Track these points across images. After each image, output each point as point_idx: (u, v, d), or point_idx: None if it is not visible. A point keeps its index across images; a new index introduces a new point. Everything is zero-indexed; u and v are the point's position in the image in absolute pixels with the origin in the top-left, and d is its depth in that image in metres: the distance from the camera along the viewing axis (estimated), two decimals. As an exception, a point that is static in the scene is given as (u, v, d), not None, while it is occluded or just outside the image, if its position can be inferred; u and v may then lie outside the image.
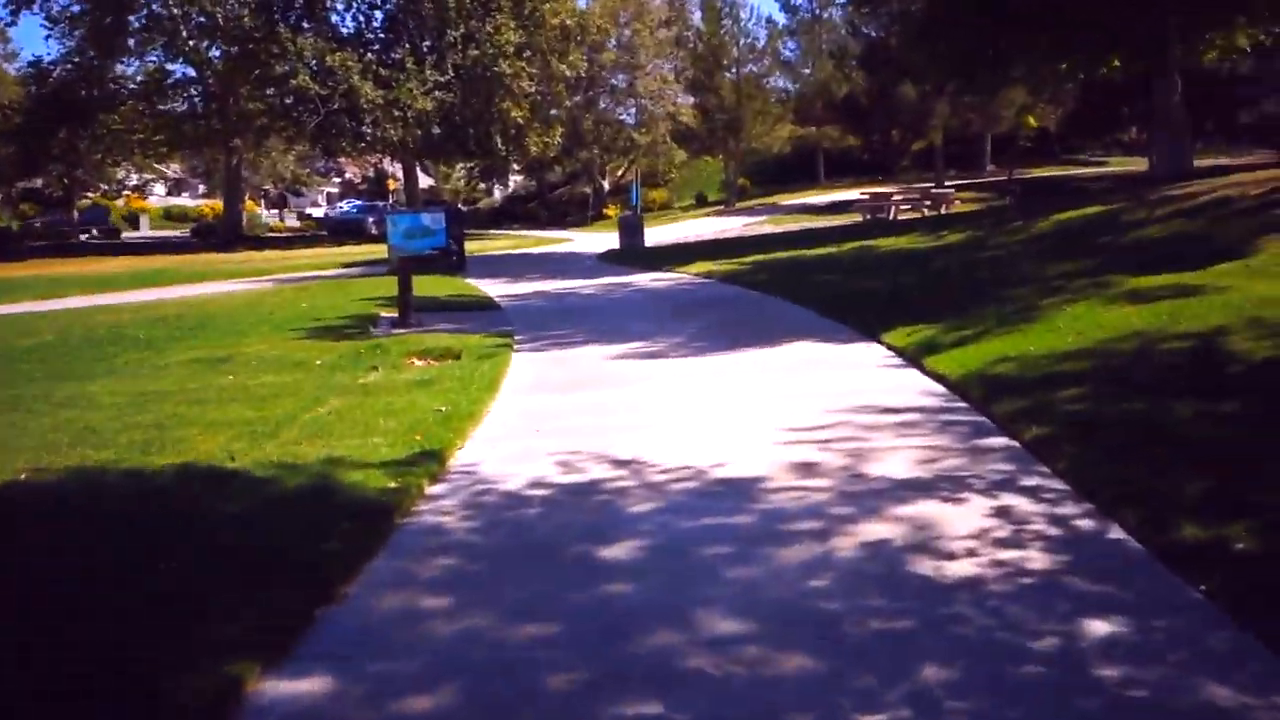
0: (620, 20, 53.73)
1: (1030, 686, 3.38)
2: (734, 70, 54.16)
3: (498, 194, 79.65)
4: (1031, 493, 5.25)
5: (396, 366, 10.47)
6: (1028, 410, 6.51)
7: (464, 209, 73.36)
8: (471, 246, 35.02)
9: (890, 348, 9.46)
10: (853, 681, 3.49)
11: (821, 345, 10.08)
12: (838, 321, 11.21)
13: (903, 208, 33.23)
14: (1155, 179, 22.59)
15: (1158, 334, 7.73)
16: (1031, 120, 53.16)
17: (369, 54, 35.95)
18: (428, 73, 34.71)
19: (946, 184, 49.41)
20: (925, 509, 5.12)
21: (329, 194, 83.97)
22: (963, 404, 7.26)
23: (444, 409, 7.97)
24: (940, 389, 7.78)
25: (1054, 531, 4.72)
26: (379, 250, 24.66)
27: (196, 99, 41.62)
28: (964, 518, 4.95)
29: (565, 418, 7.79)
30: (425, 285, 18.37)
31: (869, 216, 33.01)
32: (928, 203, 32.04)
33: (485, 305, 15.93)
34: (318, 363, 10.76)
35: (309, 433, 7.40)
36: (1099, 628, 3.75)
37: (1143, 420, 5.96)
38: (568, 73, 37.25)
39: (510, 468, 6.45)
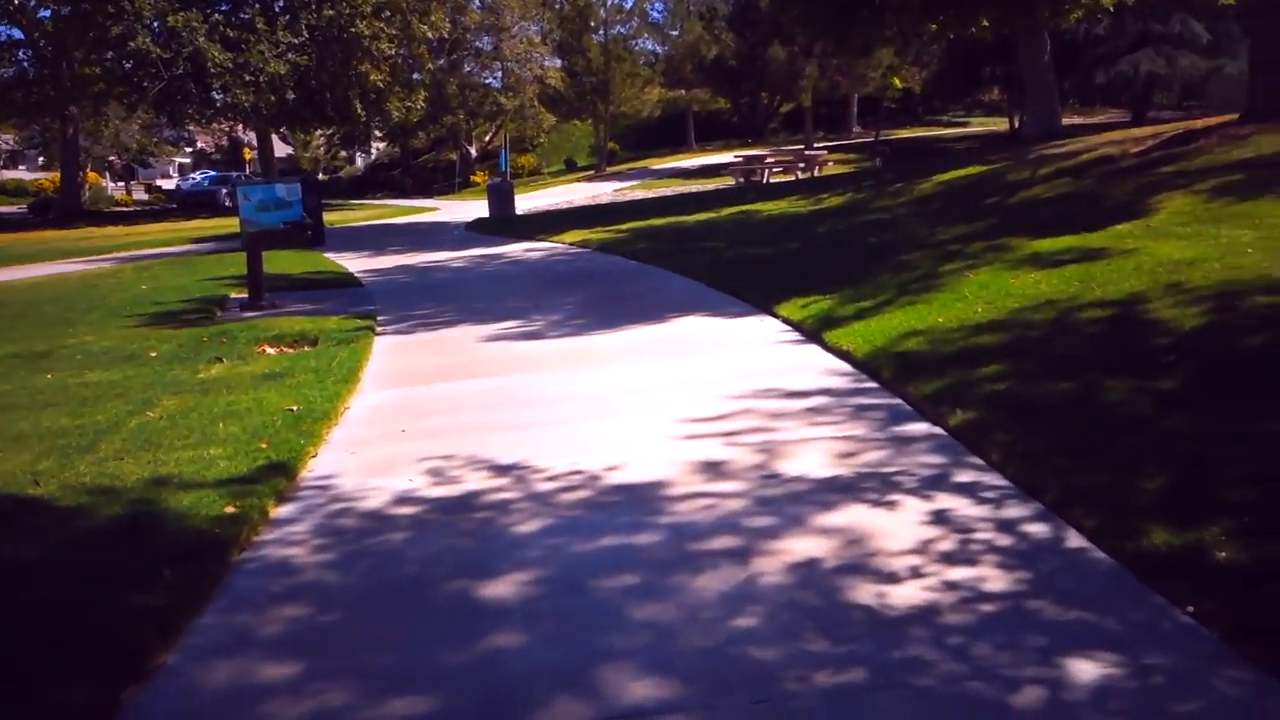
0: (483, -20, 52.10)
1: (1024, 765, 2.74)
2: (601, 32, 53.15)
3: (360, 162, 77.08)
4: (969, 491, 4.64)
5: (244, 356, 9.41)
6: (948, 391, 5.92)
7: (324, 178, 70.86)
8: (332, 218, 33.40)
9: (786, 321, 8.84)
10: (805, 767, 2.80)
11: (712, 320, 9.39)
12: (726, 293, 10.55)
13: (775, 170, 32.94)
14: (1027, 138, 22.62)
15: (1072, 302, 7.26)
16: (898, 81, 53.71)
17: (215, 14, 33.79)
18: (280, 34, 32.77)
19: (816, 145, 49.52)
20: (854, 517, 4.47)
21: (181, 165, 79.95)
22: (873, 384, 6.66)
23: (296, 408, 7.02)
24: (846, 367, 7.17)
25: (1005, 540, 4.11)
26: (232, 224, 23.04)
27: (26, 64, 38.65)
28: (900, 527, 4.31)
29: (435, 414, 6.93)
30: (280, 262, 17.14)
31: (742, 180, 32.62)
32: (801, 165, 31.78)
33: (346, 282, 14.82)
34: (153, 355, 9.61)
35: (134, 444, 6.37)
36: (1086, 671, 3.13)
37: (1077, 401, 5.42)
38: (430, 34, 35.68)
39: (372, 479, 5.58)
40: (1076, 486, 4.37)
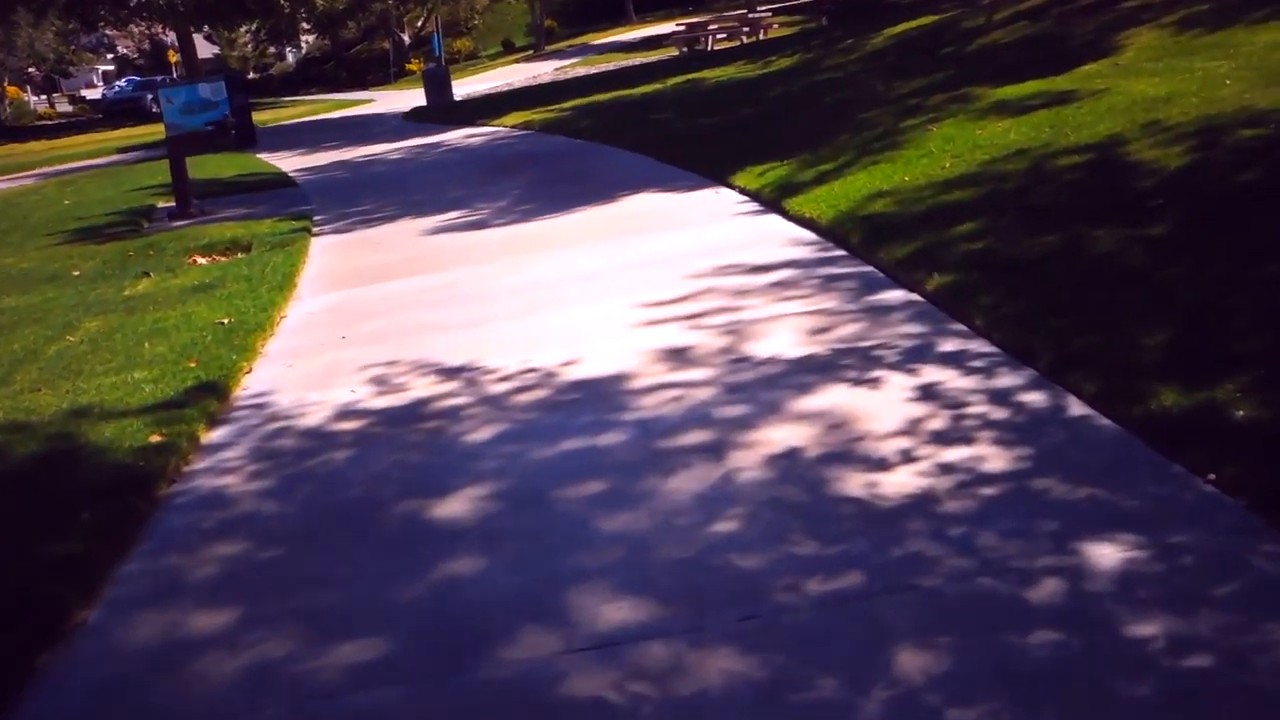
0: None
1: (1053, 673, 2.43)
2: (528, -99, 50.81)
3: (291, 58, 74.36)
4: (956, 361, 4.29)
5: (173, 269, 8.85)
6: (922, 254, 5.54)
7: (255, 77, 68.30)
8: (264, 117, 32.11)
9: (743, 192, 8.37)
10: (805, 693, 2.48)
11: (665, 196, 8.91)
12: (678, 167, 10.03)
13: (719, 37, 31.89)
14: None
15: (1045, 149, 6.84)
16: (838, -65, 51.99)
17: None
18: (189, -76, 30.97)
19: (760, 8, 48.09)
20: (835, 398, 4.12)
21: (105, 73, 76.80)
22: (841, 252, 6.26)
23: (227, 321, 6.55)
24: (811, 236, 6.75)
25: (1000, 413, 3.78)
26: (160, 130, 22.03)
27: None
28: (885, 405, 3.96)
29: (376, 317, 6.48)
30: (211, 166, 16.37)
31: (685, 49, 31.58)
32: (745, 29, 30.76)
33: (280, 183, 14.12)
34: (76, 274, 9.04)
35: (53, 373, 5.90)
36: (1107, 556, 2.82)
37: (1062, 255, 5.06)
38: (348, -86, 33.81)
39: (311, 393, 5.17)
40: (1072, 349, 4.03)
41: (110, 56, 71.42)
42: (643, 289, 6.08)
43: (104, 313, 7.38)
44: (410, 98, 30.66)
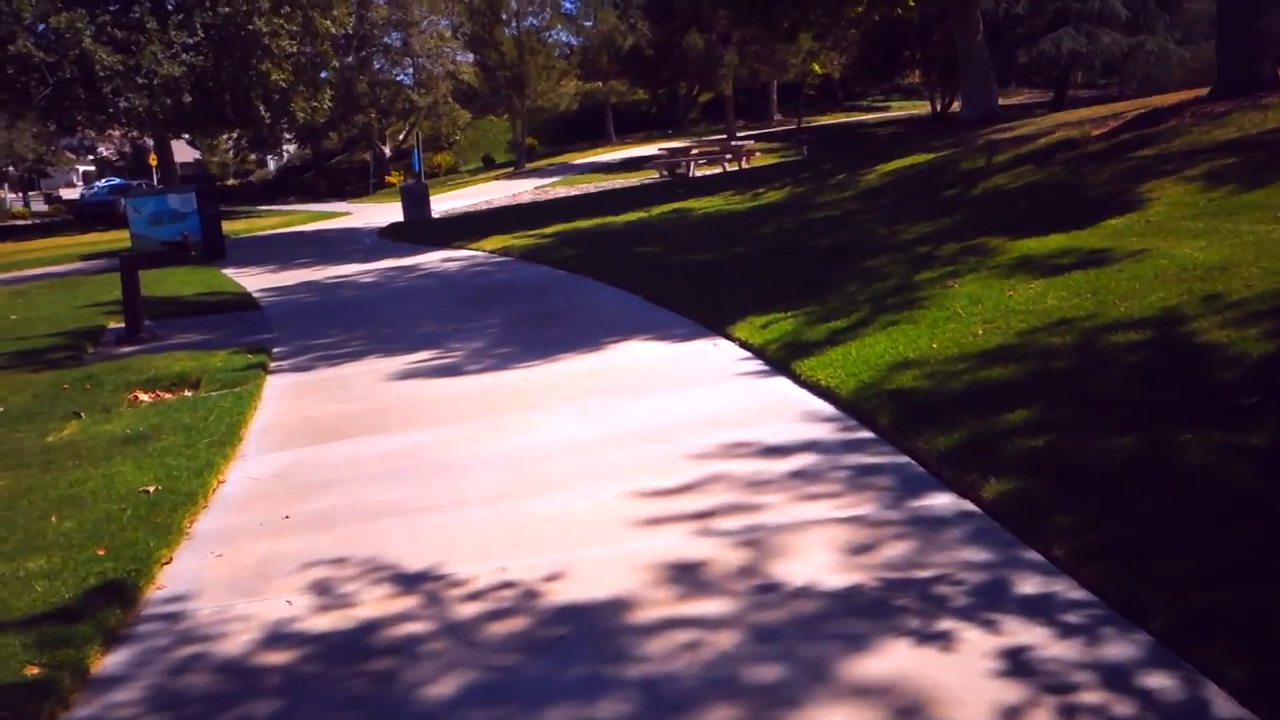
0: (389, -26, 50.15)
1: None
2: (514, 24, 51.47)
3: (273, 165, 74.51)
4: (1043, 612, 3.43)
5: (109, 409, 7.93)
6: (970, 447, 4.74)
7: (234, 183, 68.23)
8: (238, 227, 31.58)
9: (745, 346, 7.60)
10: None
11: (658, 346, 8.12)
12: (670, 310, 9.30)
13: (701, 162, 31.78)
14: (964, 121, 21.73)
15: (1092, 321, 6.12)
16: (818, 67, 52.97)
17: (103, 14, 31.60)
18: (173, 34, 30.71)
19: (739, 135, 48.51)
20: (897, 661, 3.24)
21: (86, 173, 76.54)
22: (868, 434, 5.45)
23: (154, 489, 5.62)
24: (829, 409, 5.95)
25: (1124, 708, 2.90)
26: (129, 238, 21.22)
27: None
28: (965, 681, 3.09)
29: (329, 489, 5.57)
30: (172, 281, 15.63)
31: (666, 173, 31.43)
32: (728, 156, 30.64)
33: (242, 304, 13.28)
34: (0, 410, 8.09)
35: (-69, 557, 4.93)
36: None
37: (1146, 465, 4.26)
38: (333, 29, 33.77)
39: (239, 601, 4.25)
40: (1196, 609, 3.19)
41: (90, 158, 71.16)
42: (639, 471, 5.24)
43: (17, 466, 6.43)
44: (388, 211, 30.20)
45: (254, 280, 16.03)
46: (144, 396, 8.44)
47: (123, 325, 11.59)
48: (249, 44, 30.82)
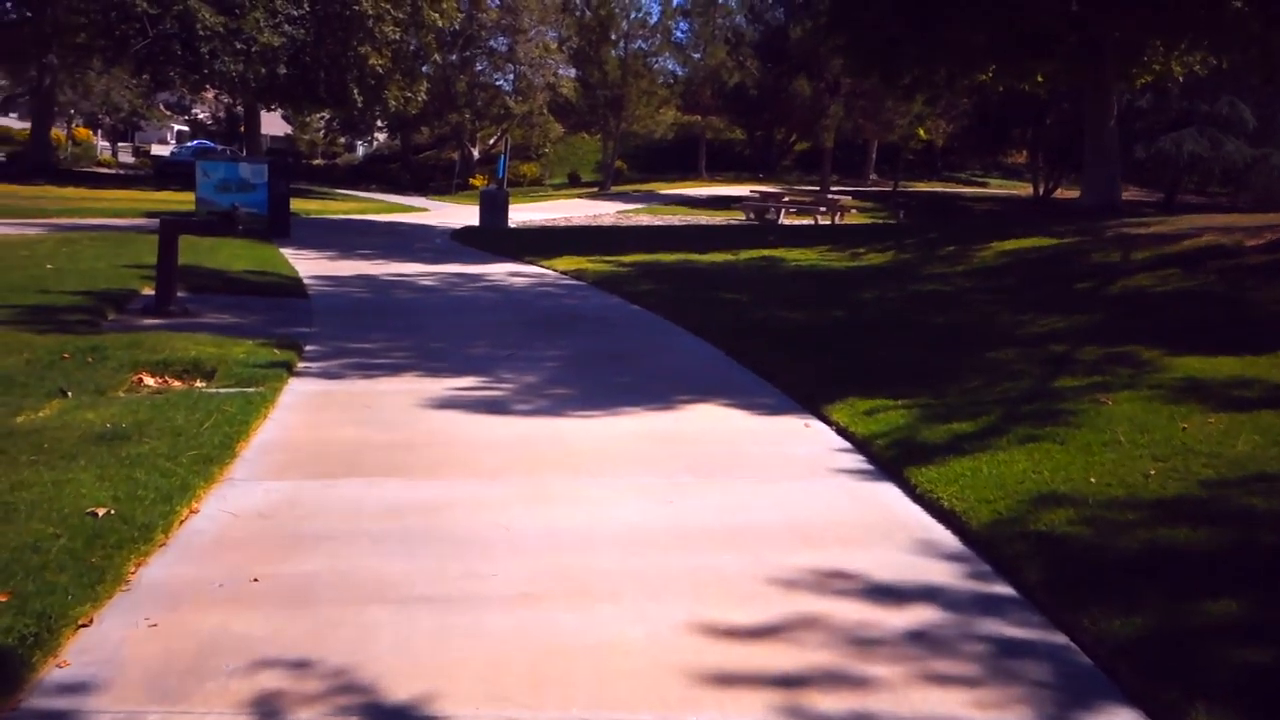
0: (505, -22, 49.83)
1: None
2: (621, 45, 50.85)
3: (361, 151, 74.66)
4: None
5: (103, 390, 6.91)
6: (1160, 643, 3.49)
7: (320, 163, 68.30)
8: (312, 207, 30.94)
9: (844, 434, 6.37)
10: None
11: (739, 415, 6.92)
12: (755, 373, 8.09)
13: (791, 211, 30.64)
14: (1084, 209, 20.35)
15: (1303, 480, 4.84)
16: (923, 132, 51.62)
17: (212, -25, 31.29)
18: (277, 3, 30.29)
19: (833, 189, 47.28)
20: None
21: (179, 132, 77.33)
22: (1008, 588, 4.20)
23: (106, 510, 4.52)
24: (952, 540, 4.71)
25: None
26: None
27: (8, 4, 36.11)
28: None
29: (318, 546, 4.44)
30: (224, 253, 14.73)
31: (754, 217, 30.31)
32: (821, 208, 29.46)
33: (290, 290, 12.30)
34: (-20, 376, 7.08)
35: None
36: None
37: None
38: (440, 22, 33.19)
39: (152, 710, 3.10)
40: None
41: (185, 118, 71.84)
42: (709, 590, 4.05)
43: (-33, 452, 5.38)
44: (466, 213, 29.43)
45: (311, 265, 15.10)
46: (149, 380, 7.42)
47: (153, 294, 10.64)
48: (352, 24, 30.28)
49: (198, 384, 7.40)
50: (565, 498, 5.17)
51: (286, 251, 16.65)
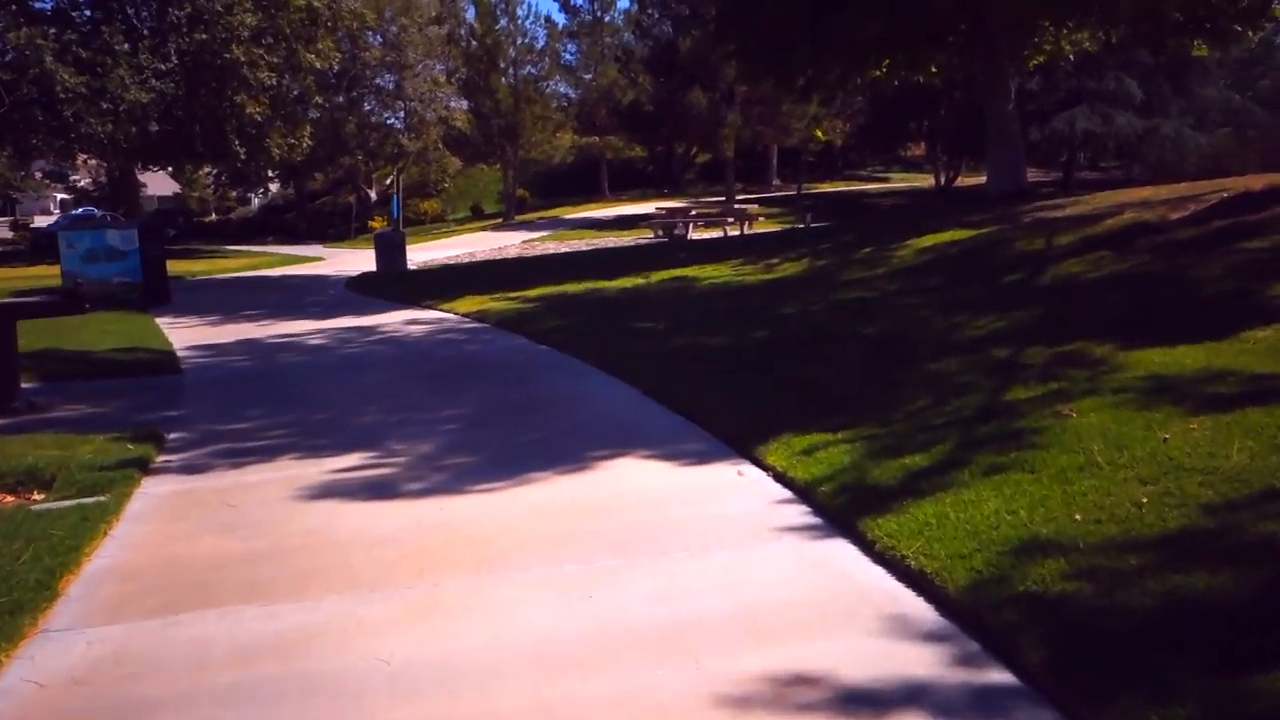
0: (386, 16, 48.62)
1: None
2: (511, 72, 50.00)
3: (256, 203, 72.65)
4: None
5: (-88, 520, 5.80)
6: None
7: (213, 219, 66.23)
8: (199, 267, 29.53)
9: (783, 480, 5.56)
10: None
11: (662, 469, 6.07)
12: (677, 413, 7.27)
13: (699, 224, 30.01)
14: (992, 195, 19.97)
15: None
16: (820, 133, 51.61)
17: (69, 33, 29.70)
18: (142, 58, 28.84)
19: (738, 198, 46.91)
20: None
21: (63, 201, 74.53)
22: (1005, 675, 3.41)
23: None
24: (926, 609, 3.92)
25: None
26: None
27: None
28: None
29: (140, 728, 3.49)
30: (92, 330, 13.54)
31: (662, 234, 29.62)
32: (729, 219, 28.85)
33: (160, 366, 11.15)
34: None
35: None
36: None
37: None
38: (318, 63, 31.96)
39: None
40: None
41: (63, 186, 69.18)
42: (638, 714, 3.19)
43: None
44: (363, 258, 28.26)
45: (189, 334, 13.94)
46: (-24, 497, 6.34)
47: (8, 386, 9.47)
48: (225, 73, 28.95)
49: (34, 497, 6.34)
50: (462, 607, 4.27)
51: (164, 321, 15.48)
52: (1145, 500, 4.34)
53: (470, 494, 5.84)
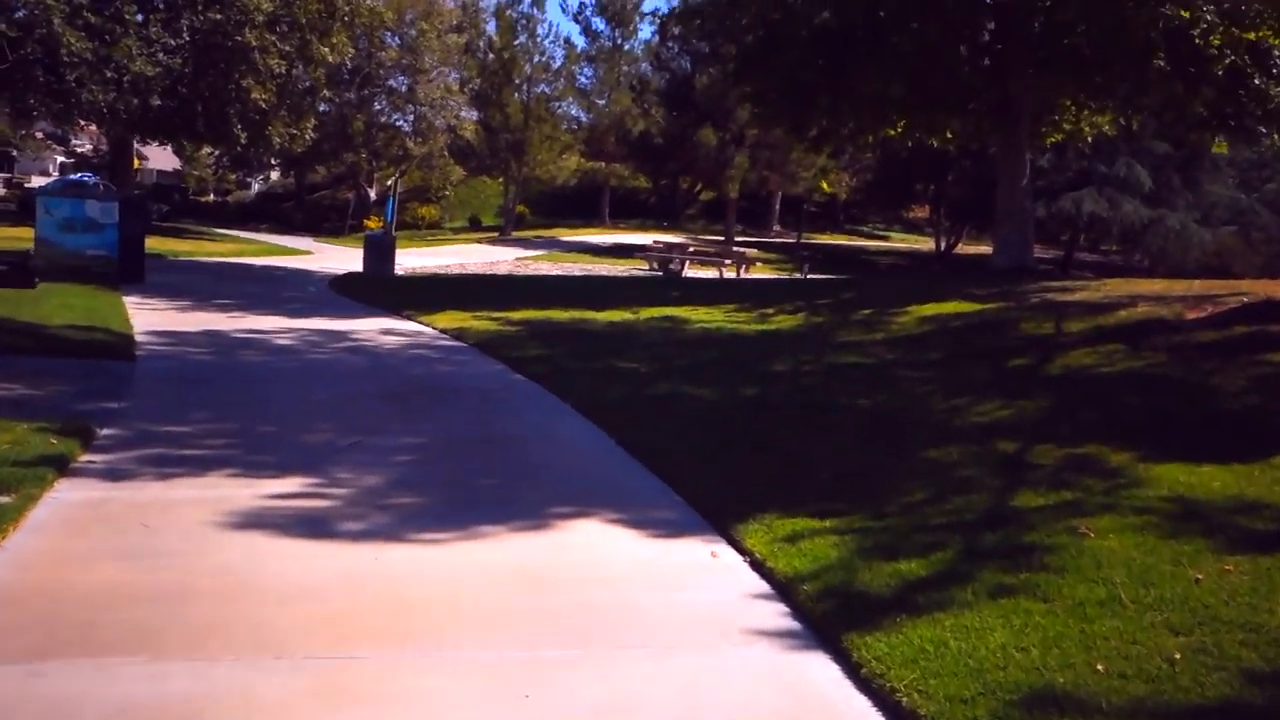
0: (406, 18, 48.24)
1: None
2: (524, 89, 49.63)
3: (255, 189, 72.02)
4: None
5: None
6: None
7: (210, 200, 65.61)
8: (184, 248, 28.89)
9: (762, 570, 4.97)
10: None
11: (629, 539, 5.48)
12: (652, 471, 6.68)
13: (695, 261, 29.52)
14: (997, 269, 19.54)
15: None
16: (826, 185, 51.37)
17: (83, -4, 29.14)
18: (153, 31, 28.28)
19: (737, 240, 46.54)
20: None
21: (63, 165, 73.82)
22: None
23: None
24: (921, 767, 3.33)
25: None
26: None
27: None
28: None
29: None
30: (53, 303, 12.93)
31: (657, 267, 29.13)
32: (727, 261, 28.35)
33: (114, 350, 10.51)
34: None
35: None
36: None
37: None
38: (330, 58, 31.46)
39: None
40: None
41: (62, 149, 68.45)
42: None
43: None
44: (353, 257, 27.63)
45: (155, 318, 13.30)
46: None
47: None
48: (235, 56, 28.39)
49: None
50: (376, 693, 3.66)
51: (132, 300, 14.82)
52: (1178, 656, 3.77)
53: (413, 542, 5.23)
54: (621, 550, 5.29)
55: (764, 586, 4.83)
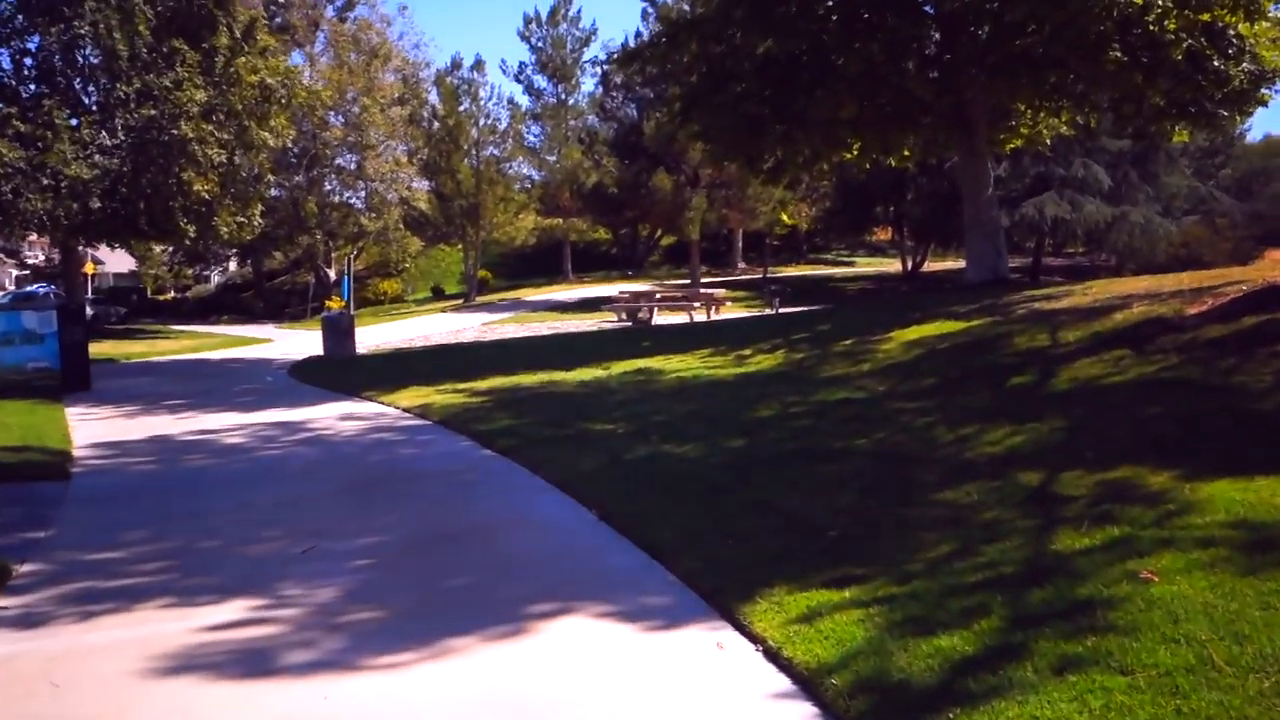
0: (348, 96, 47.84)
1: None
2: (474, 153, 49.21)
3: (216, 280, 71.26)
4: None
5: None
6: None
7: (171, 297, 64.68)
8: (135, 349, 28.03)
9: (778, 661, 4.24)
10: None
11: (621, 636, 4.74)
12: (641, 549, 5.95)
13: (664, 308, 28.90)
14: (971, 284, 19.01)
15: None
16: (786, 216, 51.13)
17: (10, 106, 28.45)
18: (85, 133, 27.60)
19: (703, 281, 46.11)
20: None
21: (19, 278, 72.82)
22: None
23: None
24: None
25: None
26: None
27: None
28: None
29: None
30: (-13, 423, 12.05)
31: (625, 317, 28.48)
32: (696, 304, 27.76)
33: (44, 471, 9.68)
34: None
35: None
36: None
37: None
38: (271, 141, 30.84)
39: None
40: None
41: (13, 262, 67.50)
42: None
43: None
44: (315, 340, 26.84)
45: (97, 429, 12.47)
46: None
47: None
48: (172, 149, 27.71)
49: None
50: None
51: (76, 411, 13.99)
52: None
53: (368, 671, 4.47)
54: (612, 652, 4.55)
55: (784, 682, 4.10)
